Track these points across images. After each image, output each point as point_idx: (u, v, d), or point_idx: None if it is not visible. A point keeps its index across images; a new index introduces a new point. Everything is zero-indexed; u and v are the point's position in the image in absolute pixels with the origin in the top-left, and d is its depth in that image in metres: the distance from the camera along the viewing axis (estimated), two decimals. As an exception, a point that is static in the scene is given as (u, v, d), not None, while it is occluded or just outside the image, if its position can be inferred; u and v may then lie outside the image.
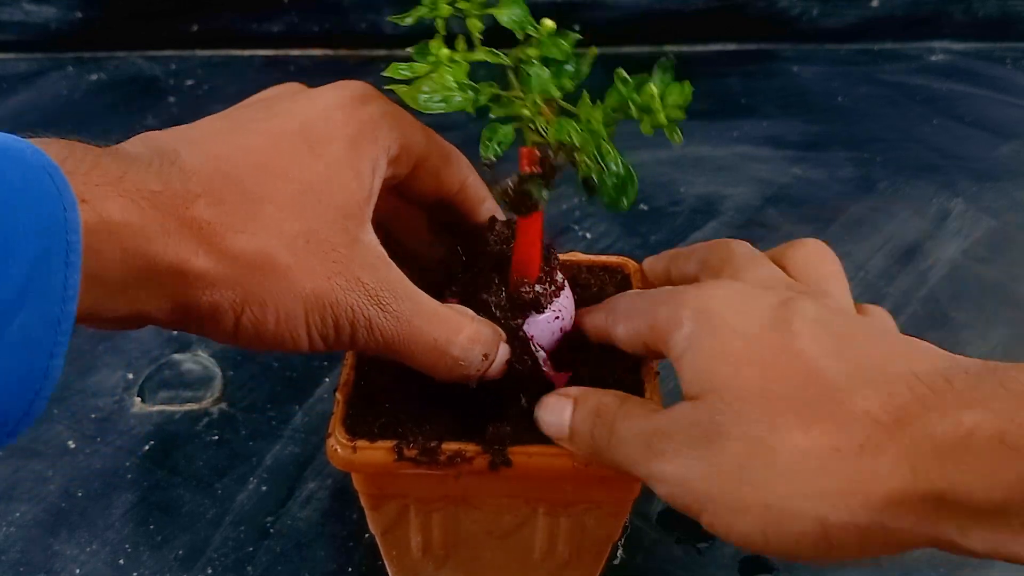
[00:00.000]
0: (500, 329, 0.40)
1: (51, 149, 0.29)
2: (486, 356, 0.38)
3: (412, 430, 0.39)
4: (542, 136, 0.36)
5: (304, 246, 0.33)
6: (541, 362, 0.41)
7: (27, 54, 1.08)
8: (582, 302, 0.47)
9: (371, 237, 0.37)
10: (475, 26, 0.36)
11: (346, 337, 0.35)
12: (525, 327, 0.41)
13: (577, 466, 0.38)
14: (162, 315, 0.32)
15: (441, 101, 0.36)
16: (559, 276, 0.42)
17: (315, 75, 1.03)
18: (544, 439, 0.39)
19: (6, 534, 0.53)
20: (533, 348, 0.41)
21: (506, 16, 0.35)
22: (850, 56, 1.14)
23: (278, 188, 0.34)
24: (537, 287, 0.41)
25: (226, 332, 0.33)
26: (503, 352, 0.40)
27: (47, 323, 0.26)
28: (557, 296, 0.42)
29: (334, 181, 0.35)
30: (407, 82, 0.36)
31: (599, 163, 0.35)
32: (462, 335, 0.37)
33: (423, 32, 0.38)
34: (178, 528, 0.53)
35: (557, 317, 0.41)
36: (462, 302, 0.40)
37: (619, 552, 0.52)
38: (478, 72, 0.37)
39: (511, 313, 0.40)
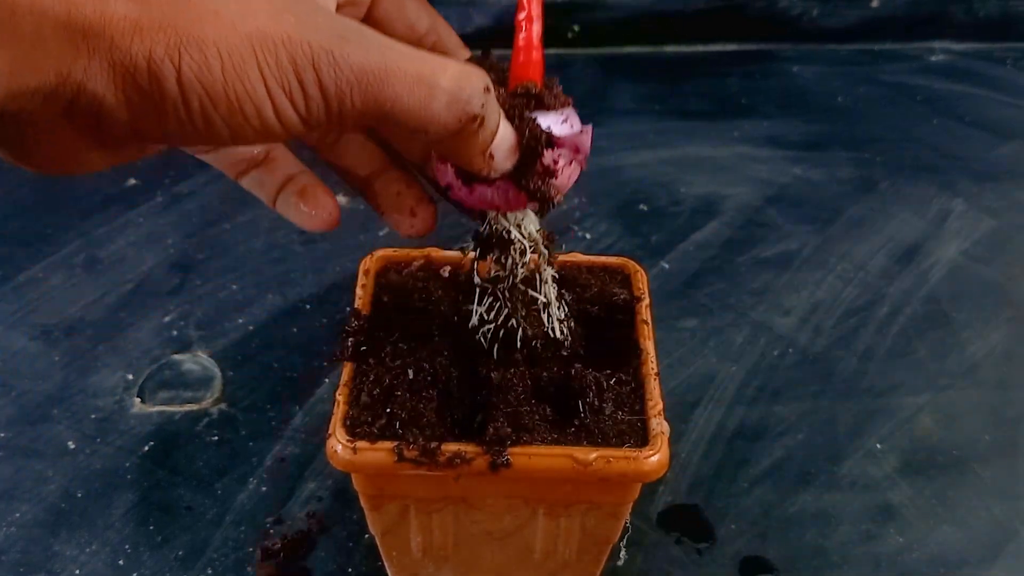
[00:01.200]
0: None
1: None
2: (487, 89, 0.32)
3: (412, 431, 0.39)
4: None
5: None
6: (552, 136, 0.36)
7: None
8: (582, 302, 0.47)
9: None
10: None
11: (312, 86, 0.29)
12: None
13: (577, 467, 0.38)
14: (100, 85, 0.28)
15: None
16: (563, 97, 0.38)
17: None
18: (544, 440, 0.39)
19: (6, 534, 0.53)
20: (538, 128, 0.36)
21: None
22: (850, 56, 1.14)
23: None
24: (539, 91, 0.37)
25: (174, 99, 0.28)
26: (506, 131, 0.35)
27: None
28: (566, 106, 0.37)
29: None
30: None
31: None
32: (450, 67, 0.31)
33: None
34: (178, 528, 0.53)
35: (566, 120, 0.37)
36: None
37: (622, 553, 0.52)
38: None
39: (512, 101, 0.36)
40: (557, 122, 0.36)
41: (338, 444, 0.39)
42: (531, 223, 0.39)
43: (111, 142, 0.31)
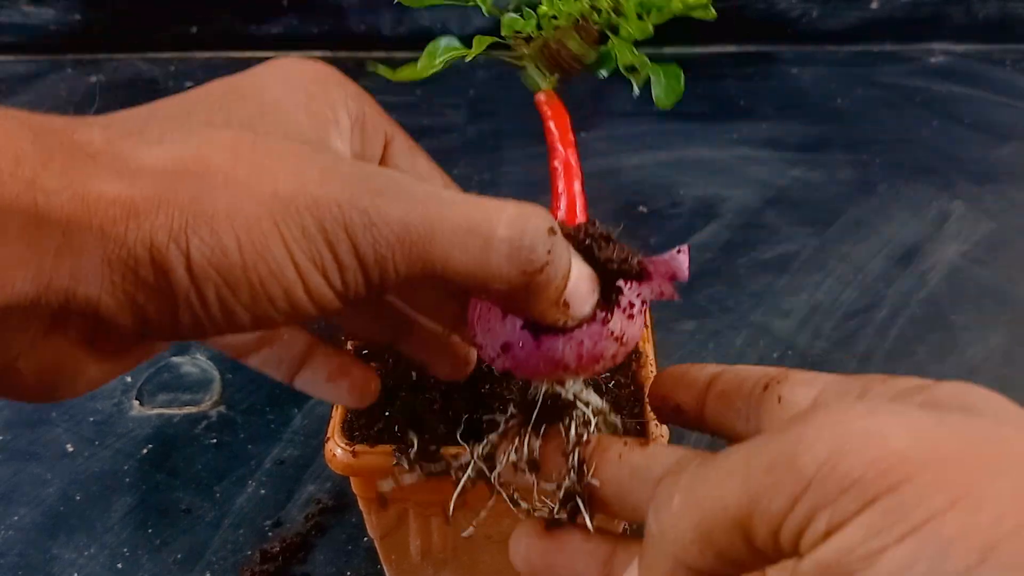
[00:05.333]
0: None
1: None
2: (552, 230, 0.27)
3: (411, 434, 0.39)
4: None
5: (250, 149, 0.25)
6: (643, 263, 0.31)
7: (26, 56, 1.08)
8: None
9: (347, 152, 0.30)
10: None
11: (347, 255, 0.24)
12: None
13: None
14: (94, 287, 0.23)
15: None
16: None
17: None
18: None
19: (5, 537, 0.52)
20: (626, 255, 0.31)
21: None
22: (849, 58, 1.14)
23: (203, 112, 0.27)
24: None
25: (185, 291, 0.23)
26: (580, 270, 0.29)
27: None
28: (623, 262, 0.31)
29: (276, 113, 0.28)
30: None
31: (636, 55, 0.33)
32: (507, 211, 0.26)
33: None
34: (177, 531, 0.53)
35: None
36: None
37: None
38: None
39: (577, 234, 0.31)
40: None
41: (337, 447, 0.39)
42: (587, 392, 0.33)
43: (113, 350, 0.26)
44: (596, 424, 0.32)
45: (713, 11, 0.34)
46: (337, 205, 0.24)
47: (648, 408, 0.41)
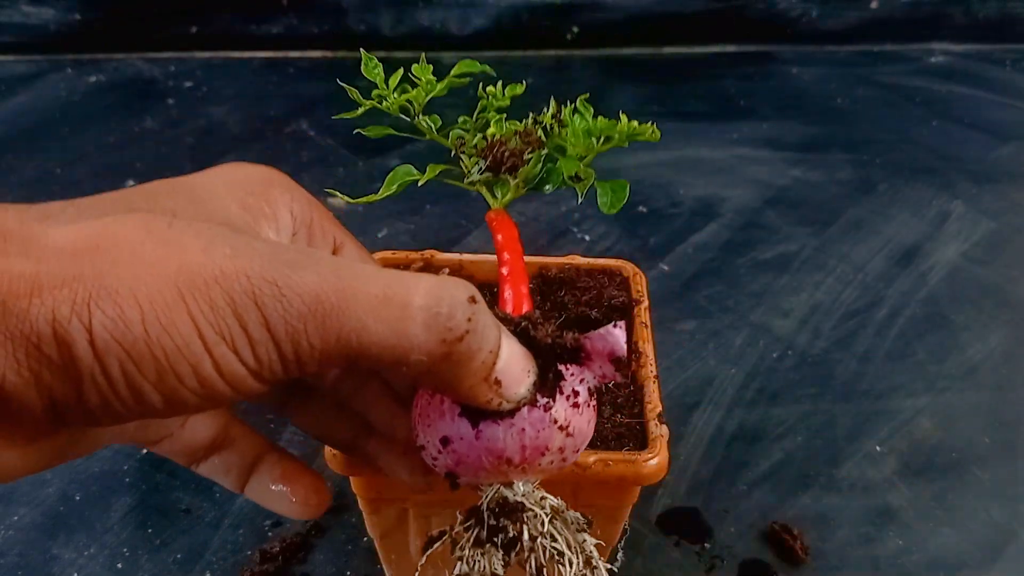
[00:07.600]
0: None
1: None
2: (473, 299, 0.26)
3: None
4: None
5: (164, 227, 0.24)
6: (579, 340, 0.30)
7: (26, 56, 1.08)
8: (580, 305, 0.46)
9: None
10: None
11: (257, 328, 0.23)
12: None
13: (576, 470, 0.38)
14: (4, 366, 0.22)
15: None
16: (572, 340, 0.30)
17: (314, 77, 1.03)
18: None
19: (4, 537, 0.52)
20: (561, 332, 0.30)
21: None
22: (849, 58, 1.14)
23: (130, 201, 0.27)
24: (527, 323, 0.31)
25: (89, 366, 0.22)
26: (512, 347, 0.28)
27: None
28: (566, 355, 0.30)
29: (206, 202, 0.28)
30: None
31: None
32: (424, 281, 0.25)
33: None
34: (177, 531, 0.53)
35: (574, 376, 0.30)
36: None
37: (619, 556, 0.52)
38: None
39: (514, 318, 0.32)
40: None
41: (336, 447, 0.39)
42: (539, 492, 0.31)
43: (27, 434, 0.25)
44: (551, 524, 0.31)
45: (658, 133, 0.36)
46: (246, 276, 0.23)
47: (647, 408, 0.41)
